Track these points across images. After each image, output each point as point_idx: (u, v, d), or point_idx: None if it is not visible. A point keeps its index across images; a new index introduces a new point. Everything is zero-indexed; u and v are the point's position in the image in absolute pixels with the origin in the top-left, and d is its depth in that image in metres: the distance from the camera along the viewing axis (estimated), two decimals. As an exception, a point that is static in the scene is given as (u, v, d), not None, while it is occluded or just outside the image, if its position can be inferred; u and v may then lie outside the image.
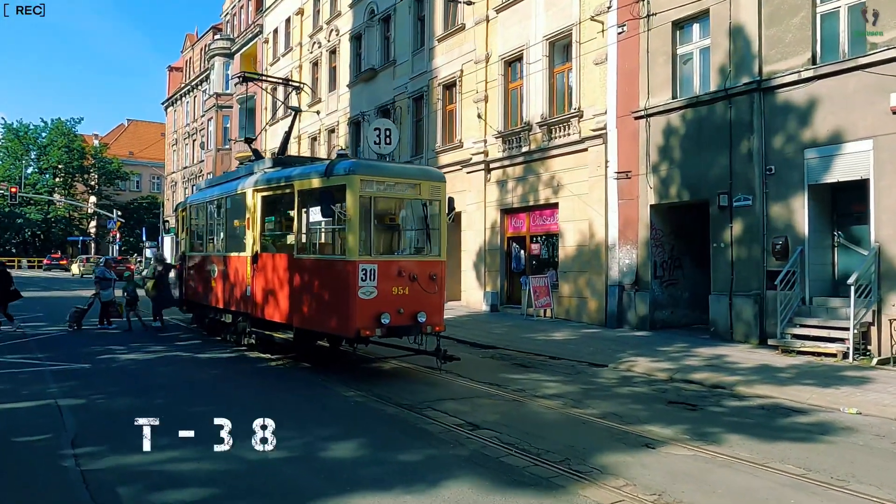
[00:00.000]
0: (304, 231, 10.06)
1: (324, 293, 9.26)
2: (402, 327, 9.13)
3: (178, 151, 56.61)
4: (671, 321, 15.84)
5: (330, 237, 10.02)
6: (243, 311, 11.49)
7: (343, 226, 8.96)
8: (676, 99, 14.89)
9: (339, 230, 9.40)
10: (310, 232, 10.04)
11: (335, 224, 9.44)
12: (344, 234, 9.22)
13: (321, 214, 8.81)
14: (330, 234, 10.02)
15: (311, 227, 10.09)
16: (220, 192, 12.66)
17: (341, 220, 9.40)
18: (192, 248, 14.70)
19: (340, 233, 9.77)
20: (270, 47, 38.97)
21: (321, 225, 9.88)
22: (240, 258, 11.64)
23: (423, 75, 24.45)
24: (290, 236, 10.76)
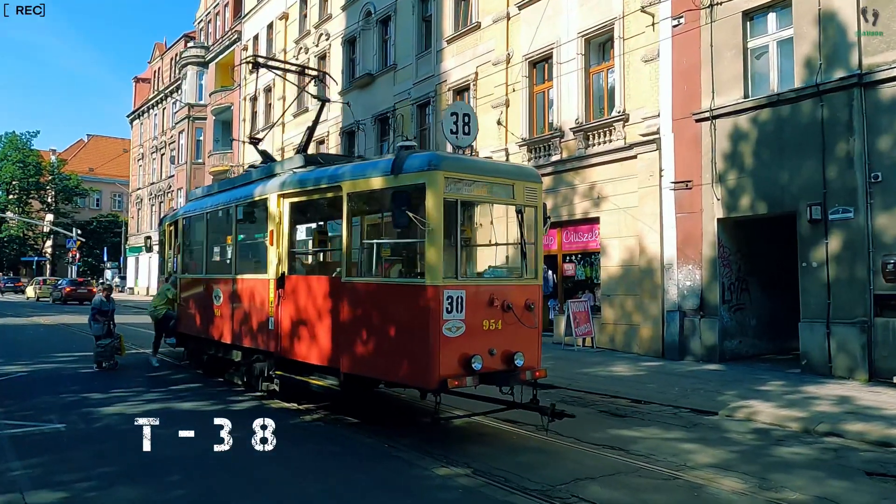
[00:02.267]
0: (356, 246, 7.74)
1: (388, 328, 6.96)
2: (498, 374, 6.88)
3: (144, 166, 53.39)
4: (739, 352, 13.87)
5: (397, 254, 7.73)
6: (262, 348, 9.07)
7: (420, 238, 6.70)
8: (749, 98, 13.05)
9: (412, 245, 7.15)
10: (365, 248, 7.73)
11: (406, 237, 7.22)
12: (419, 250, 6.98)
13: (394, 224, 6.54)
14: (396, 250, 7.75)
15: (366, 242, 7.80)
16: (229, 200, 10.25)
17: (415, 231, 7.21)
18: (185, 268, 12.20)
19: (410, 248, 7.53)
20: (250, 54, 36.49)
21: (382, 238, 7.64)
22: (257, 281, 9.25)
23: (430, 80, 22.39)
24: (331, 253, 8.46)
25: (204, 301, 11.05)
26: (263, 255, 9.02)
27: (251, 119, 36.21)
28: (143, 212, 53.31)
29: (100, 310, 12.53)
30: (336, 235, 8.89)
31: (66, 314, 29.78)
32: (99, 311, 12.52)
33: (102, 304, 12.62)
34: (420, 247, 6.91)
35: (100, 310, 12.53)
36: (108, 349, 12.21)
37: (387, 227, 8.05)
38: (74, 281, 41.95)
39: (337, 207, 7.90)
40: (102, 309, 12.54)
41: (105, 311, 12.55)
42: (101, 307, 12.56)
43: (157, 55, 51.82)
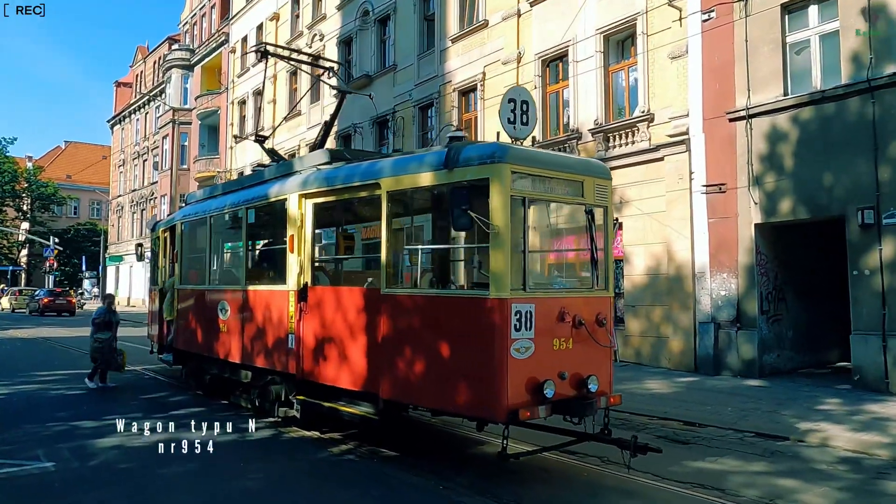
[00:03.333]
0: (400, 252, 6.72)
1: (441, 348, 5.94)
2: (572, 402, 5.88)
3: (125, 173, 51.79)
4: (777, 366, 13.02)
5: (446, 262, 6.73)
6: (279, 369, 7.99)
7: (483, 244, 5.72)
8: (788, 96, 12.26)
9: (471, 251, 6.17)
10: (410, 255, 6.71)
11: (462, 242, 6.24)
12: (481, 258, 6.01)
13: (454, 227, 5.55)
14: (447, 256, 6.76)
15: (410, 248, 6.78)
16: (237, 202, 9.16)
17: (471, 236, 6.25)
18: (183, 278, 11.06)
19: (468, 255, 6.56)
20: (238, 57, 35.36)
21: (434, 242, 6.66)
22: (274, 293, 8.19)
23: (433, 80, 21.45)
24: (363, 262, 7.44)
25: (207, 315, 9.94)
26: (281, 264, 7.96)
27: (240, 123, 34.99)
28: (123, 220, 51.66)
29: (104, 321, 11.36)
30: (372, 240, 7.85)
31: (45, 326, 28.31)
32: (104, 321, 11.34)
33: (105, 315, 11.42)
34: (480, 253, 5.92)
35: (104, 321, 11.36)
36: (105, 351, 11.11)
37: (435, 230, 7.07)
38: (52, 291, 40.24)
39: (373, 208, 6.89)
40: (107, 320, 11.38)
41: (110, 322, 11.40)
42: (102, 317, 11.37)
43: (139, 58, 50.36)
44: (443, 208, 7.14)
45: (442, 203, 7.06)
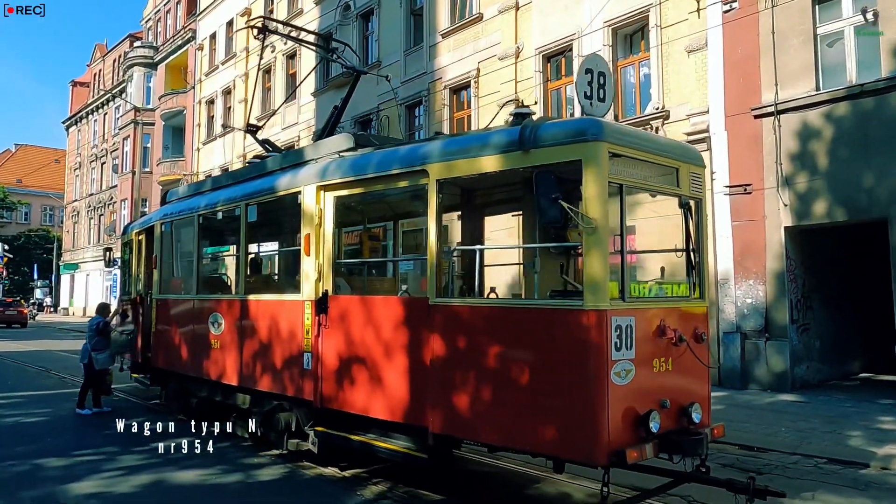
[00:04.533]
0: (451, 253, 5.56)
1: (515, 371, 4.79)
2: (680, 438, 4.78)
3: (81, 177, 49.26)
4: (807, 378, 12.22)
5: (522, 266, 5.58)
6: (291, 394, 6.72)
7: (575, 242, 4.62)
8: (821, 90, 11.51)
9: (554, 252, 5.06)
10: (468, 257, 5.55)
11: (532, 238, 5.13)
12: (563, 260, 4.90)
13: (541, 221, 4.44)
14: (517, 258, 5.63)
15: (468, 248, 5.62)
16: (234, 197, 7.86)
17: (548, 232, 5.17)
18: (163, 287, 9.67)
19: (550, 255, 5.45)
20: (206, 54, 33.70)
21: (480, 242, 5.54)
22: (283, 304, 6.93)
23: (421, 78, 20.35)
24: (391, 267, 6.25)
25: (194, 329, 8.58)
26: (292, 269, 6.76)
27: (208, 124, 33.29)
28: (79, 226, 49.07)
29: (102, 331, 9.89)
30: (412, 238, 6.67)
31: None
32: (100, 331, 9.87)
33: (101, 325, 9.92)
34: (563, 255, 4.81)
35: (102, 331, 9.89)
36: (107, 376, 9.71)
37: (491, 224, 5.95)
38: (2, 301, 37.65)
39: (416, 201, 5.75)
40: (105, 330, 9.92)
41: (107, 334, 9.94)
42: (99, 327, 9.88)
43: (97, 56, 48.01)
44: (512, 198, 6.02)
45: (511, 192, 5.94)
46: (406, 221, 7.43)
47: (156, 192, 36.82)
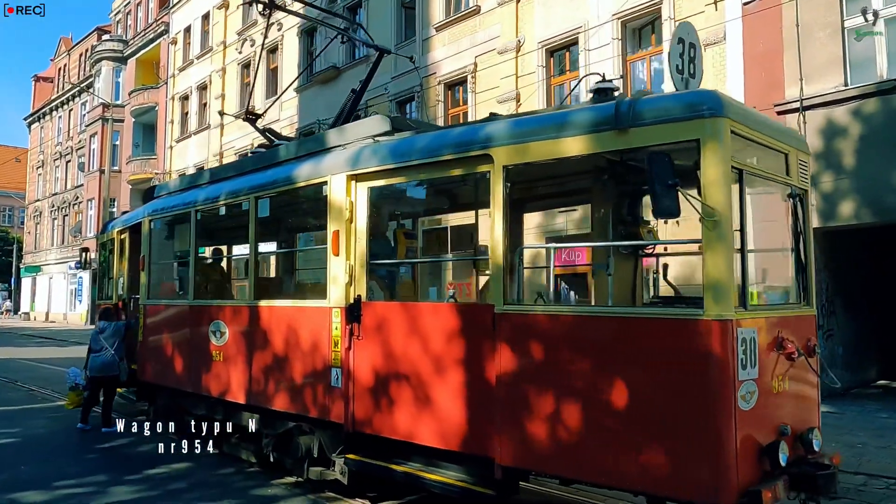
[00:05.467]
0: (519, 252, 4.74)
1: (611, 394, 4.00)
2: (813, 472, 4.04)
3: (44, 175, 47.23)
4: (832, 388, 11.65)
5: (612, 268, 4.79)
6: (315, 415, 5.83)
7: (699, 239, 3.87)
8: (849, 86, 11.01)
9: (624, 252, 4.29)
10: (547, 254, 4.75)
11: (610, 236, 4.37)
12: (634, 259, 4.17)
13: (656, 212, 3.69)
14: (609, 259, 4.86)
15: (546, 246, 4.83)
16: (240, 189, 6.92)
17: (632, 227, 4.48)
18: (153, 291, 8.67)
19: (620, 256, 4.69)
20: (180, 48, 32.38)
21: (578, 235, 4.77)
22: (304, 311, 6.05)
23: (413, 73, 19.47)
24: (427, 270, 5.45)
25: (191, 338, 7.62)
26: (316, 271, 5.86)
27: (182, 120, 31.95)
28: (42, 226, 46.99)
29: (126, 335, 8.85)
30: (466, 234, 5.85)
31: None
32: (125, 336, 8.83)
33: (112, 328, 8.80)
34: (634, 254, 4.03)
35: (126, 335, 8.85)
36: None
37: (593, 218, 5.17)
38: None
39: (473, 191, 4.96)
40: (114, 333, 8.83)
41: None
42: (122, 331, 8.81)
43: (62, 50, 46.08)
44: (603, 187, 5.25)
45: (602, 178, 5.18)
46: (447, 217, 6.63)
47: (125, 192, 35.31)
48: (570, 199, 6.17)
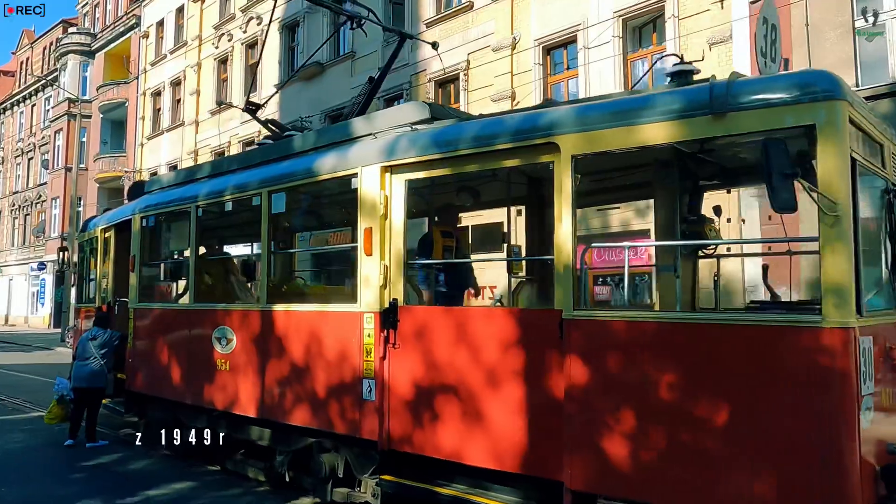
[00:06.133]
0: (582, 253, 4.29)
1: (708, 413, 3.56)
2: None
3: (5, 173, 45.37)
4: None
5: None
6: (342, 431, 5.28)
7: (815, 237, 3.45)
8: (861, 87, 10.83)
9: (685, 252, 3.88)
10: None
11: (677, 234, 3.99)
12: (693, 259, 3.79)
13: (775, 204, 3.23)
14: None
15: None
16: (250, 183, 6.33)
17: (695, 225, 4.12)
18: (144, 293, 8.00)
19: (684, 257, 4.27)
20: (152, 43, 31.27)
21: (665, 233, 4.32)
22: (329, 316, 5.50)
23: (402, 70, 18.94)
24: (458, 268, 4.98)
25: (191, 345, 6.99)
26: (344, 272, 5.35)
27: (154, 117, 30.86)
28: (2, 226, 45.09)
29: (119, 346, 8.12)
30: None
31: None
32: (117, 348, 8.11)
33: (102, 336, 8.06)
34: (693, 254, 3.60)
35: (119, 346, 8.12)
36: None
37: (679, 212, 4.72)
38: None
39: (531, 184, 4.48)
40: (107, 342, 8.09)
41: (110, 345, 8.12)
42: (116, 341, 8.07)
43: (25, 43, 44.35)
44: (669, 180, 4.80)
45: (669, 170, 4.74)
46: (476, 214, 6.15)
47: (92, 190, 34.02)
48: (627, 194, 5.75)
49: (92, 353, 7.87)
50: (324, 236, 7.14)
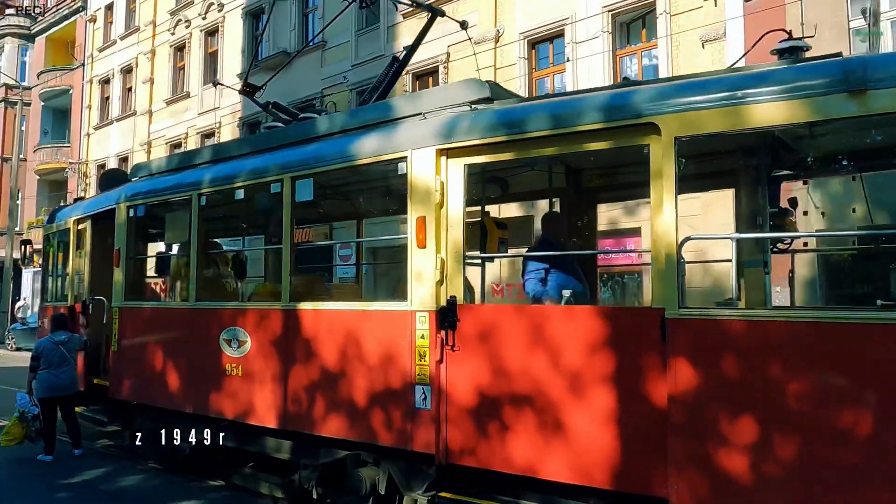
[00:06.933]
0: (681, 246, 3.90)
1: (850, 426, 3.22)
2: None
3: (-69, 163, 42.20)
4: None
5: None
6: (389, 442, 4.74)
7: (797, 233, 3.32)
8: (856, 87, 10.91)
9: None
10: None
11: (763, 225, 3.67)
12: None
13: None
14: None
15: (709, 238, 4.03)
16: (268, 168, 5.70)
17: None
18: (131, 291, 7.23)
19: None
20: (100, 27, 29.62)
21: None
22: (371, 316, 4.95)
23: (377, 61, 18.33)
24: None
25: (192, 349, 6.30)
26: (390, 266, 4.78)
27: (101, 105, 29.22)
28: (-73, 220, 41.99)
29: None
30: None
31: None
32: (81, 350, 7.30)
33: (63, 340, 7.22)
34: None
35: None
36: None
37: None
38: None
39: (617, 171, 4.12)
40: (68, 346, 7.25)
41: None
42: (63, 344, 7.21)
43: (-45, 25, 41.38)
44: (757, 168, 4.45)
45: (759, 158, 4.38)
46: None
47: (31, 183, 32.03)
48: (706, 183, 5.41)
49: (66, 359, 7.08)
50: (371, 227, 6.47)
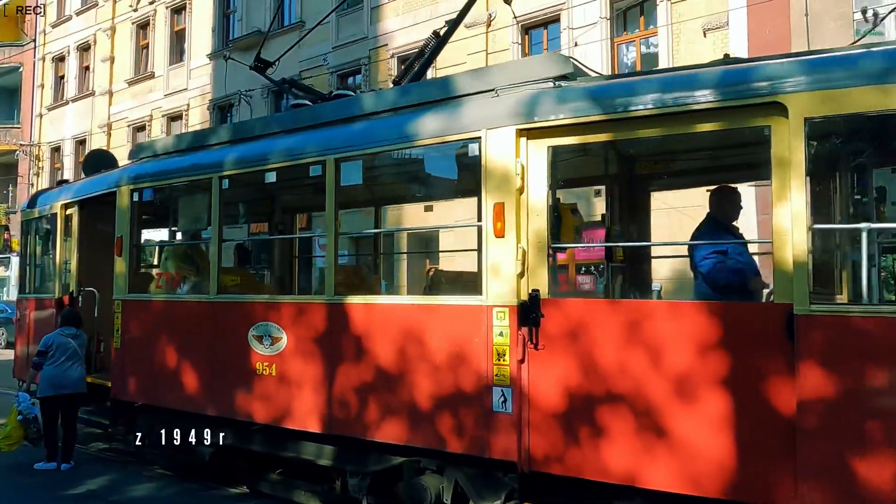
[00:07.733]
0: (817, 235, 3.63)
1: None
2: None
3: None
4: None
5: None
6: (460, 449, 4.33)
7: None
8: (859, 79, 10.94)
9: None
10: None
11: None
12: None
13: None
14: None
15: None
16: (305, 149, 5.19)
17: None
18: (135, 282, 6.60)
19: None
20: (53, 1, 27.98)
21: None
22: (437, 311, 4.53)
23: (360, 43, 17.82)
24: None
25: (213, 346, 5.75)
26: (453, 256, 4.36)
27: (56, 84, 27.66)
28: None
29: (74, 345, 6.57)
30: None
31: None
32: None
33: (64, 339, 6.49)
34: None
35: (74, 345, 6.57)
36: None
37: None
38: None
39: (737, 152, 3.82)
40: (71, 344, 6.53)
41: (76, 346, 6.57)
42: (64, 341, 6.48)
43: None
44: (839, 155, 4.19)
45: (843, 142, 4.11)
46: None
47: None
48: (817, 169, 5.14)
49: (79, 356, 6.45)
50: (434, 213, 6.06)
